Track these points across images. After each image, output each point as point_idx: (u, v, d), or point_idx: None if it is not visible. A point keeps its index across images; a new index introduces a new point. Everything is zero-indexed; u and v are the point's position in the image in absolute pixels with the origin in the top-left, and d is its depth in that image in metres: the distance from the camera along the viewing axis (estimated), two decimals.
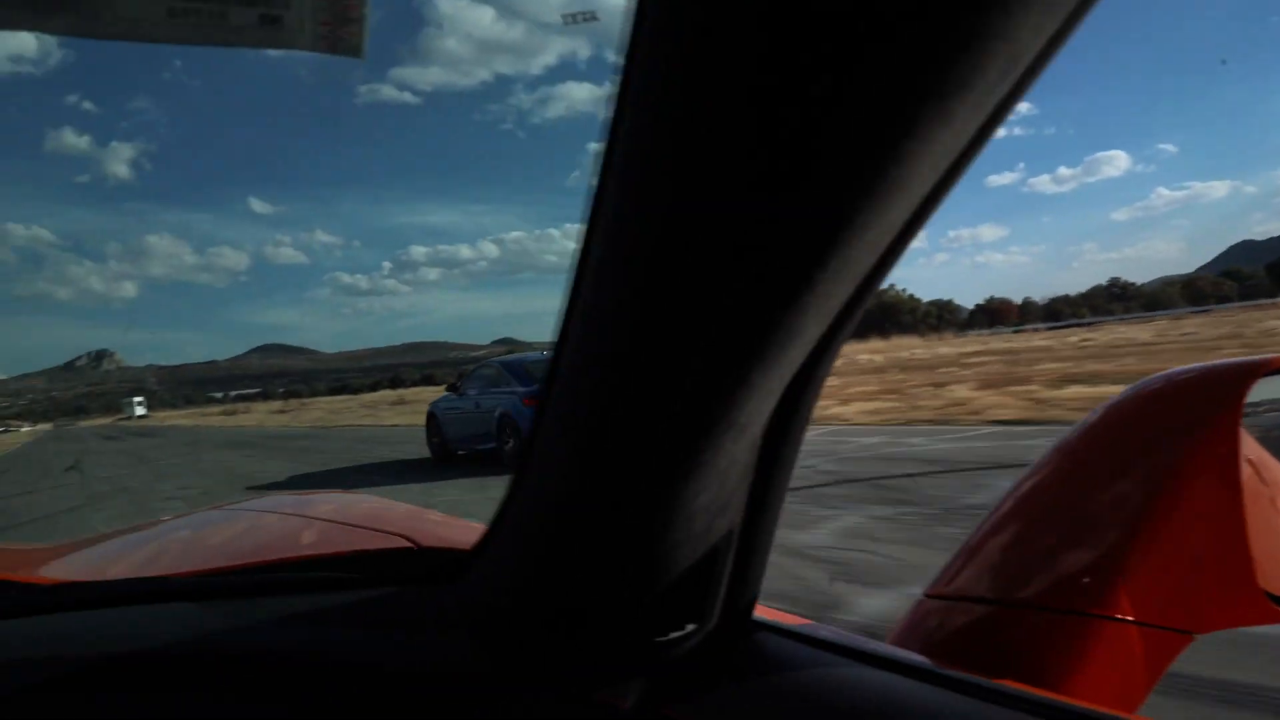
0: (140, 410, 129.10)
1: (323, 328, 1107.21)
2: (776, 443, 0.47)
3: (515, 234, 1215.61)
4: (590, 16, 0.70)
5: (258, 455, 15.63)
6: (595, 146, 0.35)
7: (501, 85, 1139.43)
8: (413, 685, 0.56)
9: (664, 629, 0.52)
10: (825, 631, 0.57)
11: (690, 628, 0.52)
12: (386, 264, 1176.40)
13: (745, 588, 0.53)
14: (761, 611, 0.57)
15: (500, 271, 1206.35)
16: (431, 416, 10.90)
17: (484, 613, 0.59)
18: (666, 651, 0.52)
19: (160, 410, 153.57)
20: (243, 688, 0.57)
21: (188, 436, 28.08)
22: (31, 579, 0.78)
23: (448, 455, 10.39)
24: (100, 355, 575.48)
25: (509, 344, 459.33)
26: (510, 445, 8.92)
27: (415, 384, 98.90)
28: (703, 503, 0.46)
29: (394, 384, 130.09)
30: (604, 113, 0.35)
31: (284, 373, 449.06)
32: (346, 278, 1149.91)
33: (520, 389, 9.01)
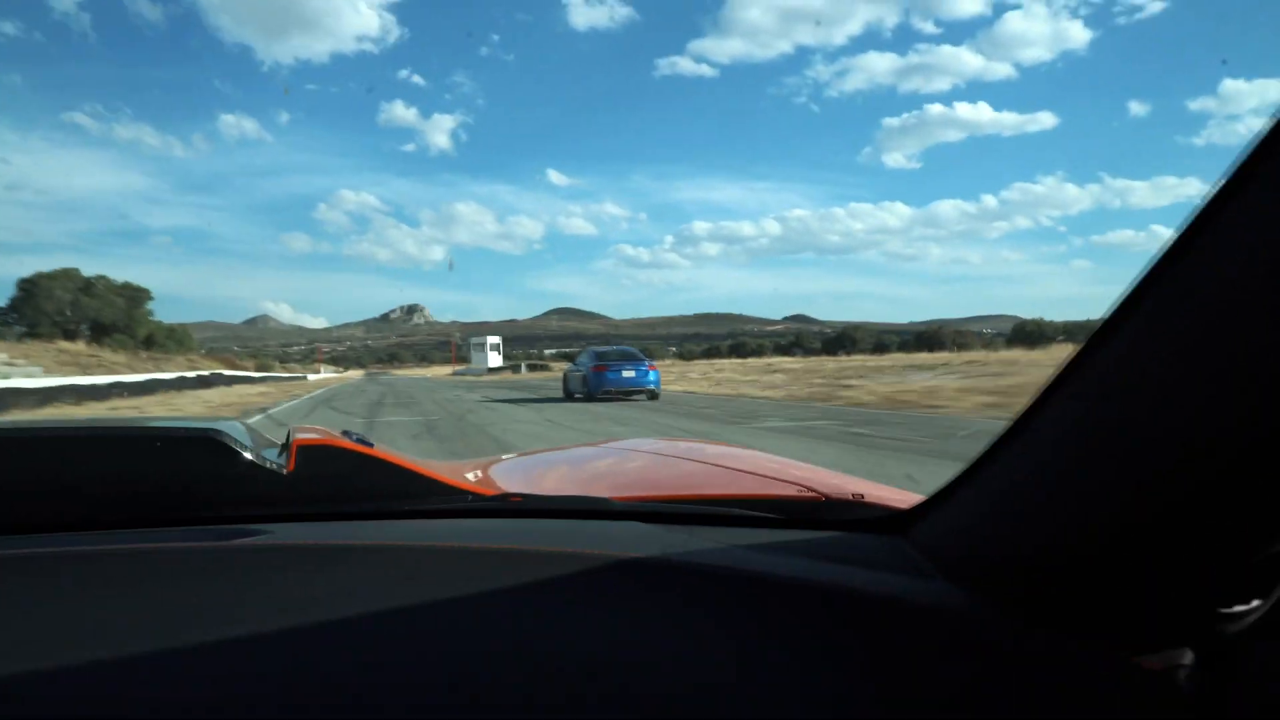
0: (495, 361, 68.19)
1: (605, 297, 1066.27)
2: None
3: (799, 211, 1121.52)
4: None
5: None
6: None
7: (800, 56, 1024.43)
8: (896, 611, 0.56)
9: (1228, 600, 0.47)
10: None
11: (1256, 603, 0.47)
12: (669, 238, 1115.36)
13: None
14: None
15: (781, 250, 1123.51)
16: (564, 375, 18.62)
17: (951, 562, 0.59)
18: (1226, 625, 0.47)
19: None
20: (714, 597, 0.57)
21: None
22: (476, 488, 0.79)
23: (569, 396, 17.68)
24: (412, 309, 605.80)
25: (802, 320, 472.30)
26: (585, 392, 16.31)
27: (710, 356, 78.86)
28: None
29: (683, 357, 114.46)
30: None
31: (580, 335, 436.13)
32: (630, 250, 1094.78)
33: (594, 362, 16.21)
